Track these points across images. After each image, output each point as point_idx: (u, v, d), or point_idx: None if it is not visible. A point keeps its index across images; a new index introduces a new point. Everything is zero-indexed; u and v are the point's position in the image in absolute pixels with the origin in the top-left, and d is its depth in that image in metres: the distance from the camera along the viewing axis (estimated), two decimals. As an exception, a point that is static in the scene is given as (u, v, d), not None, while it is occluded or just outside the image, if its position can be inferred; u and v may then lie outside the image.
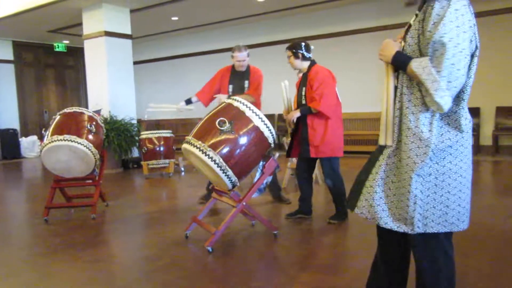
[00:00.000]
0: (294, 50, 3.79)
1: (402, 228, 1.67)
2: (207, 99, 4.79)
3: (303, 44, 3.79)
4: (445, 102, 1.51)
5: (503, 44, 7.47)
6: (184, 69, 11.72)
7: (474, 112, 7.77)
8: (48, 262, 3.07)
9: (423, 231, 1.65)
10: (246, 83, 4.47)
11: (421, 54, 1.60)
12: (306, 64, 3.81)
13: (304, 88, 3.77)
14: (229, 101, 3.19)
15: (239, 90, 4.48)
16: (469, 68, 1.59)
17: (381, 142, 1.70)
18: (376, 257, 2.01)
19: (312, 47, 3.87)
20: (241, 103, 3.12)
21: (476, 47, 1.59)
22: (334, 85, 3.72)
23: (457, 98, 1.61)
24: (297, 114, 3.74)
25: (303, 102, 3.76)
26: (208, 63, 11.22)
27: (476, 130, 7.68)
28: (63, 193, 4.64)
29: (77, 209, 4.65)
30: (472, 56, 1.59)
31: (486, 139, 7.75)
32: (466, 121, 1.63)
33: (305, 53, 3.77)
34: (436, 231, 1.65)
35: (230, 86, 4.55)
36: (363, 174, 1.80)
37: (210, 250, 3.09)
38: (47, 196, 4.31)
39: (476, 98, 7.78)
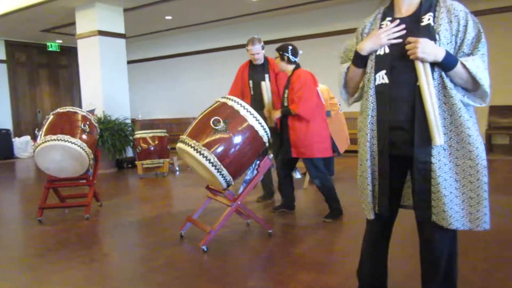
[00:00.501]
0: (281, 52, 3.94)
1: (467, 226, 1.70)
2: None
3: (290, 47, 3.91)
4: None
5: (496, 43, 7.50)
6: (178, 68, 11.69)
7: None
8: (42, 262, 3.05)
9: (487, 228, 1.70)
10: (267, 76, 4.35)
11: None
12: (291, 67, 3.93)
13: (286, 91, 3.87)
14: (224, 100, 3.19)
15: (258, 85, 4.35)
16: None
17: (437, 143, 1.66)
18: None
19: (300, 51, 3.99)
20: (235, 102, 3.12)
21: None
22: (315, 89, 3.81)
23: None
24: (278, 114, 3.91)
25: (285, 104, 3.87)
26: (202, 62, 11.22)
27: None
28: (57, 194, 4.61)
29: (71, 209, 4.62)
30: None
31: (479, 137, 7.80)
32: None
33: (291, 57, 3.91)
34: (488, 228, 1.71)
35: (250, 82, 4.46)
36: (424, 182, 1.72)
37: (205, 249, 3.09)
38: (40, 197, 4.28)
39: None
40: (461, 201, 1.68)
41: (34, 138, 4.75)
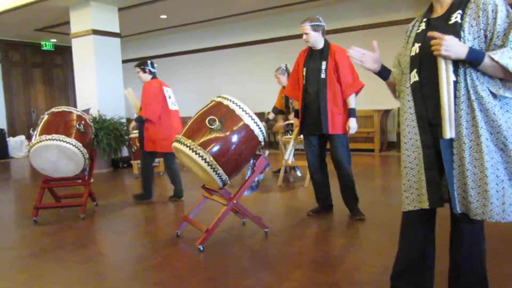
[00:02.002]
0: (142, 67, 4.84)
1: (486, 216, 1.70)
2: (297, 94, 3.95)
3: (149, 62, 4.93)
4: None
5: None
6: (173, 67, 11.67)
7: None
8: (38, 263, 3.04)
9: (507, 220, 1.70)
10: (324, 64, 3.71)
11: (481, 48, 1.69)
12: (149, 77, 4.86)
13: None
14: (219, 99, 3.19)
15: (314, 73, 3.76)
16: None
17: (447, 136, 1.71)
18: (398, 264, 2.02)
19: (156, 64, 4.98)
20: (231, 101, 3.12)
21: None
22: (160, 95, 4.72)
23: None
24: (133, 123, 4.96)
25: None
26: (198, 62, 11.20)
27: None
28: (52, 193, 4.60)
29: (66, 209, 4.61)
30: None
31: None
32: None
33: (151, 69, 4.89)
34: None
35: (304, 69, 3.83)
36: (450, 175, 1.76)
37: (202, 248, 3.09)
38: (36, 197, 4.27)
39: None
40: (477, 193, 1.70)
41: (29, 137, 4.73)
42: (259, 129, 3.14)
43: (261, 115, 9.38)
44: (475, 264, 1.82)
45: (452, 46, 1.65)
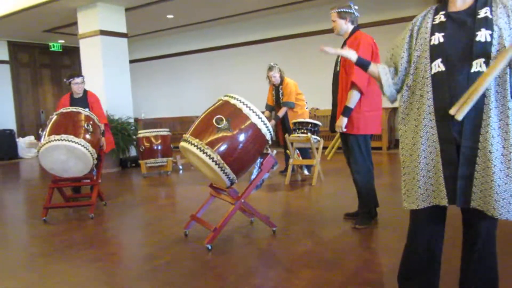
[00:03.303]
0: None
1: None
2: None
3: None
4: None
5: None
6: (180, 67, 11.71)
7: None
8: (47, 262, 3.07)
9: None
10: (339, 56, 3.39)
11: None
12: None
13: None
14: (226, 98, 3.19)
15: (335, 66, 3.57)
16: None
17: (451, 112, 1.68)
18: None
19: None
20: (238, 100, 3.12)
21: None
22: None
23: None
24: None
25: None
26: (205, 61, 11.22)
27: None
28: (61, 193, 4.63)
29: (75, 209, 4.64)
30: None
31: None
32: None
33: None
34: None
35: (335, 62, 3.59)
36: (468, 168, 1.73)
37: (210, 247, 3.10)
38: (45, 197, 4.30)
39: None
40: (503, 191, 1.67)
41: (38, 138, 4.80)
42: (266, 128, 3.14)
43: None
44: (489, 264, 1.80)
45: None
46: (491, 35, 1.69)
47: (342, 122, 3.36)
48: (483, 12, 1.74)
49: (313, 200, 4.73)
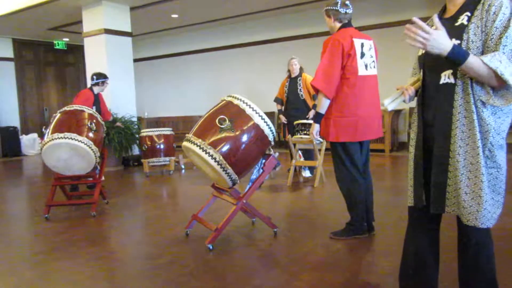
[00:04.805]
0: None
1: (472, 222, 1.71)
2: None
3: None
4: None
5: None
6: (184, 66, 11.72)
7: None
8: (49, 259, 3.08)
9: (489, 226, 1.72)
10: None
11: (482, 50, 1.66)
12: None
13: None
14: (229, 98, 3.19)
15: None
16: None
17: (386, 102, 1.85)
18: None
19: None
20: (241, 101, 3.13)
21: None
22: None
23: None
24: None
25: None
26: (208, 61, 11.23)
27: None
28: (64, 191, 4.65)
29: (77, 207, 4.66)
30: None
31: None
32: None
33: None
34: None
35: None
36: (441, 175, 1.77)
37: (211, 247, 3.10)
38: (47, 194, 4.32)
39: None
40: (470, 198, 1.69)
41: (42, 136, 4.85)
42: (269, 129, 3.14)
43: (271, 115, 9.37)
44: (483, 267, 1.78)
45: (437, 40, 1.59)
46: (459, 45, 1.68)
47: (314, 128, 3.19)
48: (461, 19, 1.72)
49: (315, 202, 4.73)
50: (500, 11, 1.62)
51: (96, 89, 5.64)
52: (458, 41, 1.68)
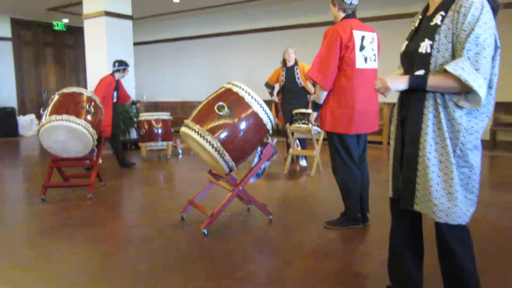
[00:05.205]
0: None
1: (443, 219, 1.74)
2: None
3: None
4: (485, 97, 1.62)
5: (504, 39, 7.47)
6: (184, 52, 11.64)
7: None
8: (45, 240, 3.10)
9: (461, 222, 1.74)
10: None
11: (452, 52, 1.67)
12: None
13: None
14: (229, 86, 3.19)
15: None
16: (493, 66, 1.69)
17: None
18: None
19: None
20: (241, 88, 3.12)
21: (497, 44, 1.69)
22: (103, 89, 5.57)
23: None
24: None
25: None
26: (209, 46, 11.15)
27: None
28: (61, 173, 4.66)
29: (74, 189, 4.67)
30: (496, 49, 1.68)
31: (484, 134, 7.73)
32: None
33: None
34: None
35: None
36: (410, 172, 1.81)
37: (206, 232, 3.13)
38: (44, 175, 4.32)
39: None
40: (441, 195, 1.72)
41: (39, 117, 4.86)
42: (267, 117, 3.14)
43: (269, 102, 9.35)
44: (461, 263, 1.78)
45: (392, 82, 1.73)
46: (431, 46, 1.69)
47: (313, 116, 3.24)
48: (436, 18, 1.72)
49: (311, 191, 4.75)
50: (469, 13, 1.60)
51: (117, 75, 5.97)
52: (431, 42, 1.70)
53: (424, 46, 1.71)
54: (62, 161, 4.44)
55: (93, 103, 4.34)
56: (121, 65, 6.04)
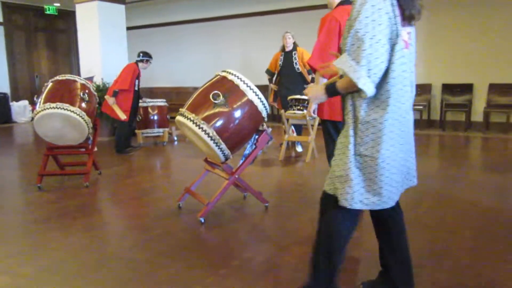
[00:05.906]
0: None
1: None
2: None
3: None
4: (368, 88, 1.65)
5: (496, 22, 7.49)
6: (179, 36, 11.51)
7: (467, 88, 7.80)
8: (42, 229, 3.11)
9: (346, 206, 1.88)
10: None
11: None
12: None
13: None
14: (224, 74, 3.18)
15: None
16: (392, 55, 1.68)
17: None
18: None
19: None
20: (236, 76, 3.11)
21: (397, 35, 1.68)
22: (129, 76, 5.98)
23: (383, 83, 1.71)
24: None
25: None
26: (205, 31, 11.04)
27: (468, 106, 7.74)
28: (56, 161, 4.65)
29: (70, 177, 4.67)
30: (394, 44, 1.69)
31: (478, 115, 7.81)
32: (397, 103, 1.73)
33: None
34: None
35: None
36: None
37: (202, 221, 3.15)
38: (40, 163, 4.32)
39: (469, 75, 7.80)
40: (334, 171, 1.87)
41: (33, 103, 4.84)
42: (262, 105, 3.14)
43: (265, 88, 9.33)
44: (322, 238, 2.02)
45: (313, 94, 1.86)
46: (345, 44, 1.74)
47: (311, 106, 3.07)
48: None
49: (306, 177, 4.78)
50: (355, 9, 1.67)
51: (140, 65, 6.29)
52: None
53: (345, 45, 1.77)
54: (57, 149, 4.43)
55: (87, 91, 4.32)
56: (145, 56, 6.38)
